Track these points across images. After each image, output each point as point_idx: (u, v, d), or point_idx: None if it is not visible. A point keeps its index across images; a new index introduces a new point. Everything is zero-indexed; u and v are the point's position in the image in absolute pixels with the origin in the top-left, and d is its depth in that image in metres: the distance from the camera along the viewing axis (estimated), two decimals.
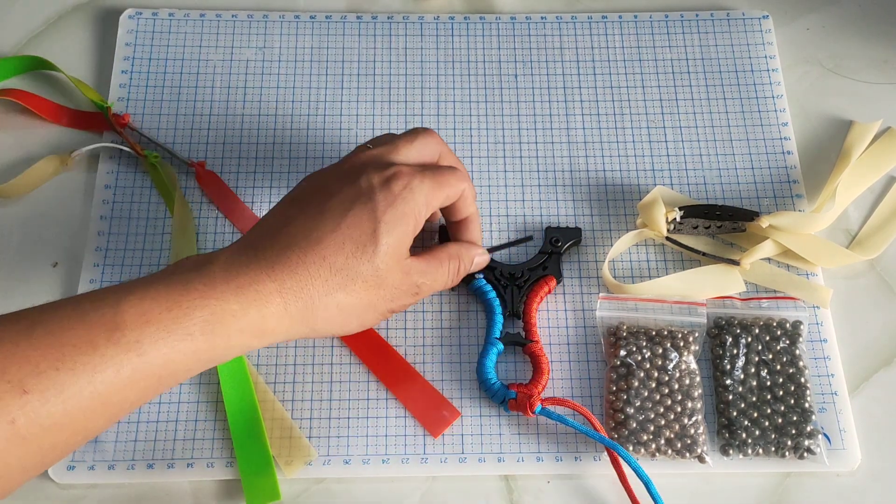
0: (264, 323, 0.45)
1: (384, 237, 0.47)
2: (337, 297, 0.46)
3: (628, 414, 0.54)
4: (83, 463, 0.53)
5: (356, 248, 0.46)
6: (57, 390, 0.38)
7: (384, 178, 0.48)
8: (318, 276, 0.46)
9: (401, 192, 0.47)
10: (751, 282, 0.59)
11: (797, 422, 0.54)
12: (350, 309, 0.47)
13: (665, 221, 0.59)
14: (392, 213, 0.47)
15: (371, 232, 0.46)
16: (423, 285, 0.51)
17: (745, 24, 0.70)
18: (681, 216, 0.59)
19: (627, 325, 0.56)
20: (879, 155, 0.64)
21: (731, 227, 0.60)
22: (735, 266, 0.59)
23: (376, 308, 0.49)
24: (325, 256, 0.46)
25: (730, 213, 0.60)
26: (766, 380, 0.55)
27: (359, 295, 0.47)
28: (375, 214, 0.47)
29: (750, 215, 0.59)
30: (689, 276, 0.58)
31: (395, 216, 0.47)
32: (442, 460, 0.54)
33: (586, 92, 0.67)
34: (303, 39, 0.69)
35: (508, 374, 0.57)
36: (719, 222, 0.60)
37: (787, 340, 0.56)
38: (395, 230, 0.47)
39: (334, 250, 0.46)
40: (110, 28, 0.69)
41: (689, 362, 0.55)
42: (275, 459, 0.53)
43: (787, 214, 0.59)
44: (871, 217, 0.62)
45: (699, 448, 0.53)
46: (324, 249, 0.46)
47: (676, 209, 0.59)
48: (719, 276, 0.59)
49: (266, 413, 0.55)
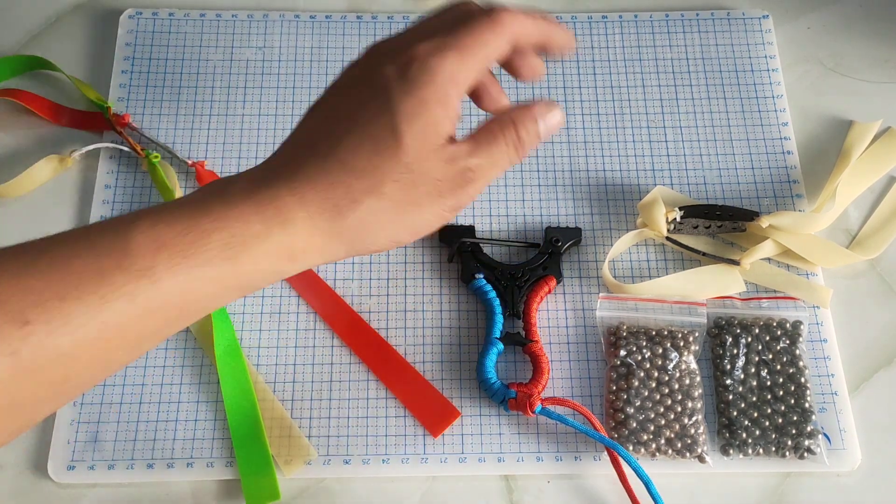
0: (293, 242, 0.41)
1: (406, 129, 0.41)
2: (367, 204, 0.41)
3: (628, 414, 0.54)
4: (83, 462, 0.53)
5: (376, 147, 0.41)
6: (62, 321, 0.36)
7: (399, 64, 0.42)
8: (340, 182, 0.41)
9: (418, 76, 0.41)
10: (751, 282, 0.59)
11: (797, 422, 0.54)
12: (388, 214, 0.42)
13: (665, 221, 0.59)
14: (410, 102, 0.41)
15: (390, 127, 0.41)
16: (478, 168, 0.43)
17: (746, 24, 0.70)
18: (681, 216, 0.59)
19: (627, 325, 0.56)
20: (879, 155, 0.64)
21: (731, 226, 0.60)
22: (735, 266, 0.59)
23: (425, 207, 0.43)
24: (345, 160, 0.41)
25: (730, 213, 0.60)
26: (767, 380, 0.55)
27: (393, 197, 0.41)
28: (391, 106, 0.41)
29: (750, 215, 0.59)
30: (690, 276, 0.58)
31: (414, 104, 0.41)
32: (442, 460, 0.54)
33: (586, 92, 0.67)
34: (303, 39, 0.69)
35: (508, 373, 0.57)
36: (719, 222, 0.60)
37: (787, 340, 0.56)
38: (418, 119, 0.41)
39: (353, 152, 0.41)
40: (110, 28, 0.69)
41: (689, 362, 0.55)
42: (274, 459, 0.53)
43: (786, 214, 0.59)
44: (871, 217, 0.62)
45: (699, 448, 0.53)
46: (342, 153, 0.41)
47: (676, 209, 0.59)
48: (719, 276, 0.58)
49: (266, 412, 0.55)
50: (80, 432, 0.54)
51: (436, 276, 0.60)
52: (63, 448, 0.54)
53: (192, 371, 0.56)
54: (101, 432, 0.54)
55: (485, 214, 0.62)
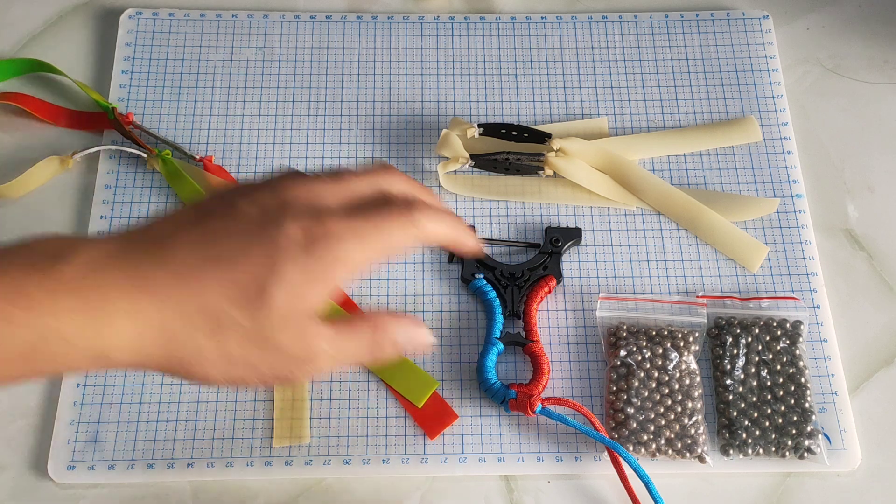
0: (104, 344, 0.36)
1: (278, 294, 0.37)
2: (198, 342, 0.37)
3: (628, 414, 0.54)
4: (83, 463, 0.53)
5: (240, 297, 0.37)
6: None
7: (307, 232, 0.38)
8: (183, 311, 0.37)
9: (321, 255, 0.38)
10: (692, 232, 0.59)
11: (797, 422, 0.54)
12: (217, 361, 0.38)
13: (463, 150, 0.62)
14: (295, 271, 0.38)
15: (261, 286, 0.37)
16: (322, 354, 0.40)
17: (746, 24, 0.70)
18: (480, 132, 0.62)
19: (627, 325, 0.56)
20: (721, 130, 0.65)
21: (529, 160, 0.62)
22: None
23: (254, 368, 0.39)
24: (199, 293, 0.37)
25: (525, 131, 0.62)
26: (767, 380, 0.55)
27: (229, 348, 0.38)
28: (275, 267, 0.37)
29: (542, 137, 0.62)
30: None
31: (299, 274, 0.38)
32: (442, 460, 0.54)
33: (586, 92, 0.67)
34: (303, 39, 0.69)
35: (508, 374, 0.57)
36: (517, 154, 0.62)
37: (787, 340, 0.56)
38: (295, 289, 0.38)
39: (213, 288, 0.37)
40: (110, 28, 0.69)
41: (689, 362, 0.55)
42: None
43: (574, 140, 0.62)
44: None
45: (699, 448, 0.53)
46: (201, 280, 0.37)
47: (475, 125, 0.62)
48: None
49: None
50: (80, 432, 0.54)
51: (436, 276, 0.60)
52: (63, 448, 0.54)
53: None
54: (102, 432, 0.54)
55: (485, 215, 0.62)
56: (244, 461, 0.54)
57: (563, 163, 0.61)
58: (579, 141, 0.62)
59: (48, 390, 0.56)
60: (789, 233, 0.61)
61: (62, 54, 0.68)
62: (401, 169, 0.63)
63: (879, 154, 0.65)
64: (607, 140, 0.64)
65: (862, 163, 0.65)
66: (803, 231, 0.61)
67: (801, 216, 0.62)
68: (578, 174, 0.61)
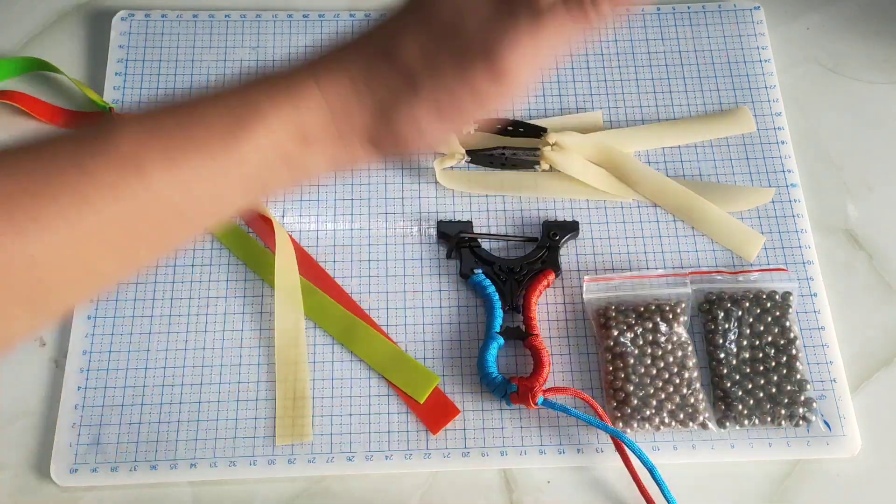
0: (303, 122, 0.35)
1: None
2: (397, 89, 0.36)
3: (628, 392, 0.54)
4: (86, 465, 0.53)
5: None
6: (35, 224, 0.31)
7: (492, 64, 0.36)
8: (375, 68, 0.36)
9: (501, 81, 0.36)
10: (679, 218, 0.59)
11: (791, 391, 0.54)
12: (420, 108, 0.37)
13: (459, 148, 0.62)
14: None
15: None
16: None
17: (737, 16, 0.70)
18: (475, 128, 0.62)
19: (615, 305, 0.57)
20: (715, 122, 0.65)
21: (525, 155, 0.62)
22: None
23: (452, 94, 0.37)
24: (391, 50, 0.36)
25: (521, 127, 0.63)
26: (759, 351, 0.56)
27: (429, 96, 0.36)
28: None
29: (538, 131, 0.63)
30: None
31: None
32: (445, 455, 0.54)
33: (581, 86, 0.67)
34: (296, 38, 0.69)
35: (509, 368, 0.57)
36: (513, 150, 0.62)
37: (777, 312, 0.56)
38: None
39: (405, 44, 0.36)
40: (104, 30, 0.69)
41: (679, 333, 0.56)
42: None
43: (569, 134, 0.62)
44: None
45: (701, 416, 0.54)
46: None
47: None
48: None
49: (287, 384, 0.56)
50: (82, 435, 0.54)
51: (435, 271, 0.60)
52: (66, 451, 0.53)
53: (193, 372, 0.56)
54: (104, 435, 0.54)
55: (482, 210, 0.62)
56: (247, 460, 0.54)
57: (559, 157, 0.61)
58: (575, 135, 0.62)
59: (49, 390, 0.56)
60: (784, 222, 0.61)
61: (60, 55, 0.68)
62: (397, 167, 0.63)
63: (879, 154, 0.65)
64: (602, 133, 0.64)
65: (862, 162, 0.65)
66: (799, 220, 0.62)
67: (797, 205, 0.62)
68: (574, 168, 0.62)
